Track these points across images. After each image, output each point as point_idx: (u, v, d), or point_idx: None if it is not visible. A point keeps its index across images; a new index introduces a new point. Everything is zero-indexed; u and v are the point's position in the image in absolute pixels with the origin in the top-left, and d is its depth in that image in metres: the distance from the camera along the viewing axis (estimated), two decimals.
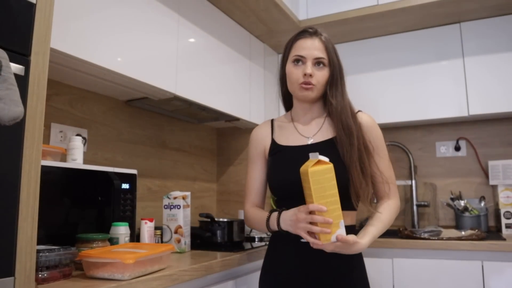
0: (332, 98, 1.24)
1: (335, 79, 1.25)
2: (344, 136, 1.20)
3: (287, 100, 1.40)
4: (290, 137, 1.31)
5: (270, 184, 1.32)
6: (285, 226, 1.17)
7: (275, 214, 1.22)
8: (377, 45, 2.41)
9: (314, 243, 1.08)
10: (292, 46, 1.29)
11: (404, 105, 2.29)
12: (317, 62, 1.24)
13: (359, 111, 1.29)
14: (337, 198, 1.06)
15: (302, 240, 1.15)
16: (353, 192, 1.16)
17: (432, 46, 2.27)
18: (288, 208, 1.19)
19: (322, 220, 1.04)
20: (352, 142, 1.19)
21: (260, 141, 1.37)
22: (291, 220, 1.14)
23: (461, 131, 2.42)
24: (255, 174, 1.37)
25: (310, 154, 1.08)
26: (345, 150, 1.19)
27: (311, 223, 1.07)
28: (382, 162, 1.25)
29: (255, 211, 1.33)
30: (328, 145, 1.23)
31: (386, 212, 1.22)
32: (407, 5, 2.08)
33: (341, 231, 1.06)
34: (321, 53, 1.24)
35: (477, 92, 2.13)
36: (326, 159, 1.08)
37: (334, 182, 1.06)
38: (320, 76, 1.24)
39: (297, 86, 1.25)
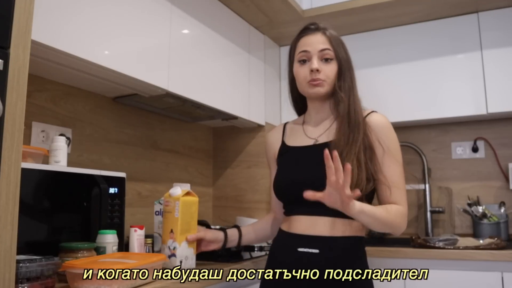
0: (341, 91, 1.27)
1: (343, 73, 1.29)
2: (349, 131, 1.23)
3: (299, 104, 1.46)
4: (298, 139, 1.38)
5: (274, 188, 1.37)
6: None
7: None
8: (387, 37, 2.41)
9: None
10: (295, 46, 1.36)
11: (417, 102, 2.29)
12: (324, 56, 1.28)
13: (373, 111, 1.31)
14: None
15: (300, 250, 1.21)
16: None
17: (448, 38, 2.27)
18: (296, 213, 1.27)
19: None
20: (356, 138, 1.22)
21: (271, 145, 1.47)
22: None
23: (479, 130, 2.43)
24: (272, 180, 1.43)
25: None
26: (345, 143, 1.21)
27: None
28: (392, 166, 1.24)
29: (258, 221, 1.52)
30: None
31: (391, 208, 1.21)
32: None
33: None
34: (326, 46, 1.28)
35: (497, 88, 2.13)
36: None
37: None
38: (328, 70, 1.28)
39: (306, 84, 1.31)
